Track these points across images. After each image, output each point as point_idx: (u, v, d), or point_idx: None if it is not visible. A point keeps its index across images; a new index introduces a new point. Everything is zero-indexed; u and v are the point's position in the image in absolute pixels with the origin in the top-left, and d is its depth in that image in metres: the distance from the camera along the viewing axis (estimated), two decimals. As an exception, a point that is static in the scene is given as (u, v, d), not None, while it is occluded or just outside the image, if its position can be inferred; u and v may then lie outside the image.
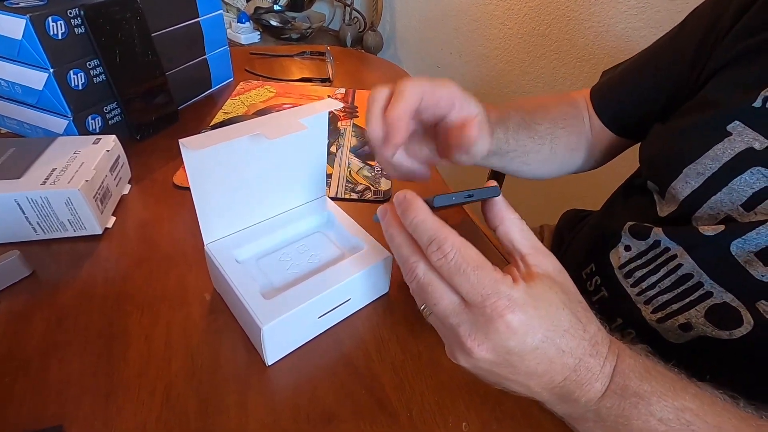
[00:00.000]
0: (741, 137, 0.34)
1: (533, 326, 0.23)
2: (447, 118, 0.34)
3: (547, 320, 0.24)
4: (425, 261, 0.25)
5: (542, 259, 0.26)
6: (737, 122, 0.34)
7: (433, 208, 0.26)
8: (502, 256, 0.45)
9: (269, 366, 0.33)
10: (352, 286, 0.35)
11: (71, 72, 0.49)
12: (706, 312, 0.34)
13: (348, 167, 0.57)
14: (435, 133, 0.37)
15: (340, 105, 0.37)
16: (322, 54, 0.89)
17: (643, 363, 0.26)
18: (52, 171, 0.41)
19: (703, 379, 0.35)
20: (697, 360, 0.35)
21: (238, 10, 1.21)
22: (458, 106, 0.33)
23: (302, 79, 0.80)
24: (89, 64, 0.51)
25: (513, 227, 0.27)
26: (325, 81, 0.80)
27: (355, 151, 0.60)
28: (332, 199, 0.46)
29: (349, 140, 0.63)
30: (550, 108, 0.49)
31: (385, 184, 0.54)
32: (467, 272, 0.23)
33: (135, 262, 0.40)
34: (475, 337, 0.24)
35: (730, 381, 0.34)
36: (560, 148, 0.49)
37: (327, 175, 0.53)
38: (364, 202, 0.51)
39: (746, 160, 0.33)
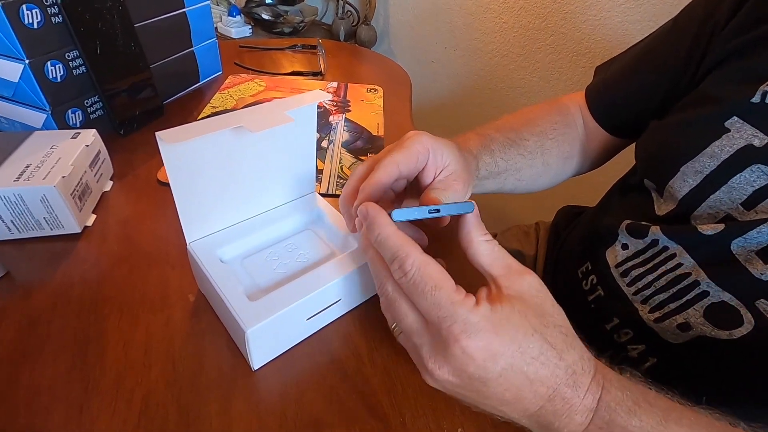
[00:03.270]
0: (740, 134, 0.33)
1: (494, 352, 0.22)
2: (424, 170, 0.33)
3: (512, 346, 0.22)
4: (392, 278, 0.25)
5: (516, 279, 0.24)
6: (735, 118, 0.34)
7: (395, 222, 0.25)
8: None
9: (255, 371, 0.31)
10: (343, 287, 0.34)
11: (48, 63, 0.47)
12: (704, 311, 0.33)
13: (339, 163, 0.55)
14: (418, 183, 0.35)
15: (328, 96, 0.35)
16: (314, 47, 0.87)
17: (633, 395, 0.24)
18: (27, 167, 0.39)
19: (703, 380, 0.34)
20: (696, 360, 0.35)
21: (229, 3, 1.19)
22: (432, 154, 0.32)
23: (293, 73, 0.77)
24: (68, 55, 0.48)
25: (481, 250, 0.25)
26: (316, 75, 0.78)
27: (347, 146, 0.59)
28: (323, 195, 0.44)
29: (341, 135, 0.61)
30: (536, 121, 0.48)
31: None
32: (425, 291, 0.23)
33: (115, 262, 0.38)
34: (435, 359, 0.24)
35: (729, 383, 0.33)
36: (552, 159, 0.48)
37: (318, 170, 0.52)
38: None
39: (746, 157, 0.32)
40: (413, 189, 0.35)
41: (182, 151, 0.29)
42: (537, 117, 0.49)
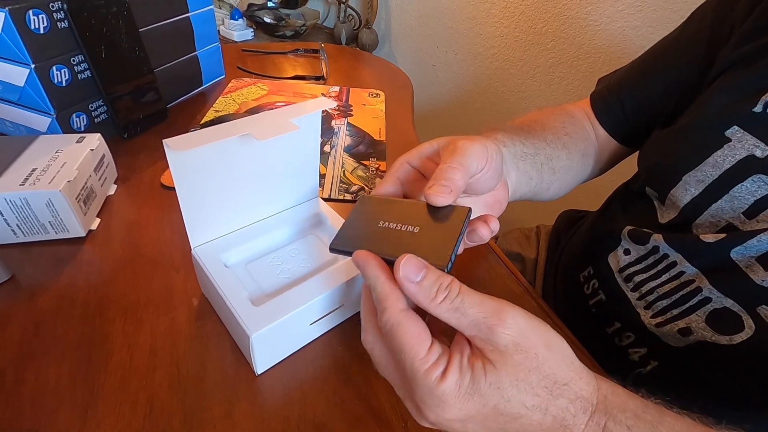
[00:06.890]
0: (741, 143, 0.33)
1: (460, 419, 0.22)
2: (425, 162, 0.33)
3: (478, 417, 0.22)
4: (374, 329, 0.25)
5: (490, 338, 0.22)
6: (736, 128, 0.34)
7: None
8: (509, 271, 0.43)
9: (258, 375, 0.31)
10: (345, 292, 0.34)
11: (54, 68, 0.47)
12: (706, 317, 0.34)
13: (342, 167, 0.55)
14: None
15: (333, 104, 0.35)
16: (316, 51, 0.88)
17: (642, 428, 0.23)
18: (33, 171, 0.39)
19: (703, 383, 0.34)
20: (697, 364, 0.35)
21: (231, 6, 1.20)
22: (418, 154, 0.32)
23: (295, 77, 0.78)
24: (73, 60, 0.49)
25: (439, 314, 0.23)
26: (318, 79, 0.78)
27: (350, 151, 0.59)
28: (325, 200, 0.45)
29: (343, 139, 0.61)
30: (545, 122, 0.47)
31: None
32: (397, 351, 0.23)
33: (119, 265, 0.39)
34: (414, 412, 0.24)
35: (729, 386, 0.33)
36: (573, 153, 0.46)
37: (320, 175, 0.52)
38: (358, 203, 0.50)
39: (747, 167, 0.33)
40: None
41: (189, 158, 0.29)
42: (545, 118, 0.48)
